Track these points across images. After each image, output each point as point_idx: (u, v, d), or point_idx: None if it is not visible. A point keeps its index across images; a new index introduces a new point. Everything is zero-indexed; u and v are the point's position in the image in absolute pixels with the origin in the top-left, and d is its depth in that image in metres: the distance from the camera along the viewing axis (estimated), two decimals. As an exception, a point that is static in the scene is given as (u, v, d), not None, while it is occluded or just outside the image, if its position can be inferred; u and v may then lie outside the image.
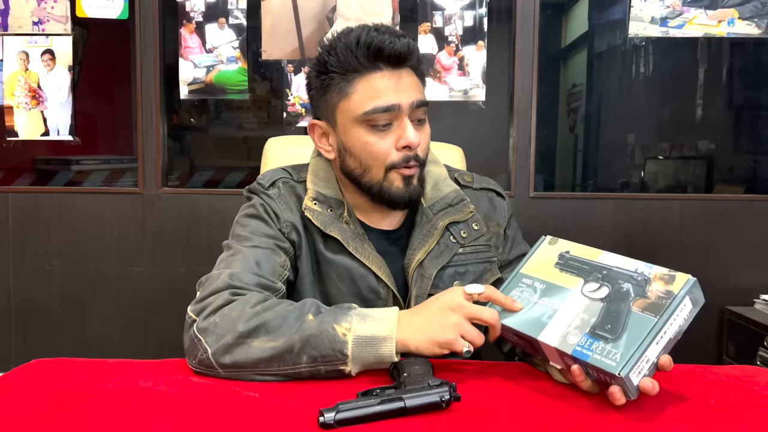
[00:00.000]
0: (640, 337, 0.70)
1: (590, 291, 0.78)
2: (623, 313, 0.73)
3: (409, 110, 0.94)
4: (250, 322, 0.80)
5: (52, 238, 2.08)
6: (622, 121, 2.21)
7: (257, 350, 0.79)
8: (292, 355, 0.79)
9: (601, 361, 0.70)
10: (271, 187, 1.01)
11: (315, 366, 0.79)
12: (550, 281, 0.82)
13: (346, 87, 0.94)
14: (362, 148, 0.95)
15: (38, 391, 0.76)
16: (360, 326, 0.80)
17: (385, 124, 0.94)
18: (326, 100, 0.97)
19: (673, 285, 0.73)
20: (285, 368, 0.79)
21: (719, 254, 2.03)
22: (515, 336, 0.81)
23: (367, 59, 0.92)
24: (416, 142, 0.94)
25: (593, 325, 0.74)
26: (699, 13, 2.00)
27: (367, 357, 0.79)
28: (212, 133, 2.24)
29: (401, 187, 0.96)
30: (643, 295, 0.74)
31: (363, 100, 0.93)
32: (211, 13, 2.04)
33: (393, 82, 0.93)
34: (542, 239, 0.88)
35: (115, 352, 2.07)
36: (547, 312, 0.79)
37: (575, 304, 0.78)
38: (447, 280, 1.00)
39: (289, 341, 0.79)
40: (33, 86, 2.08)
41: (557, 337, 0.75)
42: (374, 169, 0.96)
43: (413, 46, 0.94)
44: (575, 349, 0.73)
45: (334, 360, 0.79)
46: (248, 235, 0.96)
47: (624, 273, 0.77)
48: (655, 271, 0.76)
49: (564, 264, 0.83)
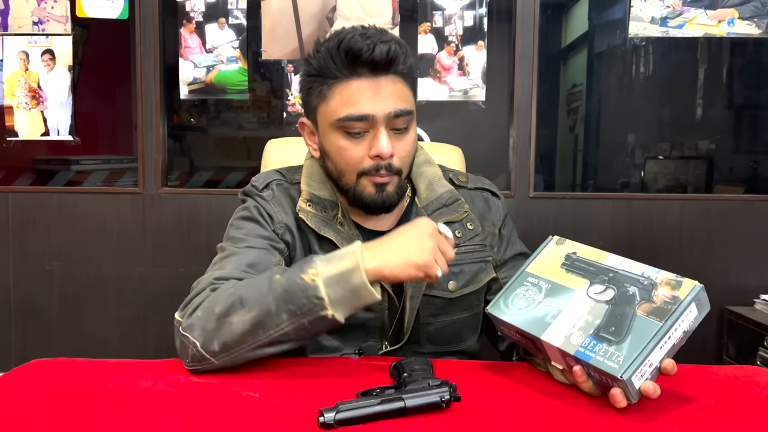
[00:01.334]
0: (644, 340, 0.70)
1: (596, 293, 0.78)
2: (628, 316, 0.73)
3: (385, 120, 0.92)
4: (226, 302, 0.82)
5: (52, 238, 2.08)
6: (622, 121, 2.21)
7: (239, 325, 0.80)
8: (272, 317, 0.79)
9: (603, 363, 0.70)
10: (265, 189, 1.02)
11: (297, 320, 0.79)
12: (555, 281, 0.82)
13: (326, 91, 0.94)
14: (337, 152, 0.95)
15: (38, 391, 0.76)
16: (326, 267, 0.80)
17: (359, 132, 0.93)
18: (310, 102, 0.98)
19: (679, 291, 0.73)
20: (270, 332, 0.79)
21: (719, 254, 2.03)
22: (518, 334, 0.81)
23: (344, 65, 0.91)
24: (387, 153, 0.92)
25: (597, 326, 0.74)
26: (699, 13, 2.00)
27: (344, 294, 0.79)
28: (212, 133, 2.24)
29: (373, 193, 0.96)
30: (649, 300, 0.74)
31: (339, 105, 0.92)
32: (211, 13, 2.04)
33: (370, 89, 0.91)
34: (549, 239, 0.88)
35: (115, 352, 2.07)
36: (552, 312, 0.78)
37: (580, 305, 0.77)
38: (442, 279, 0.99)
39: (264, 305, 0.80)
40: (33, 86, 2.08)
41: (561, 337, 0.75)
42: (347, 174, 0.96)
43: (395, 53, 0.91)
44: (578, 350, 0.73)
45: (313, 308, 0.79)
46: (243, 237, 0.96)
47: (630, 276, 0.77)
48: (662, 276, 0.75)
49: (570, 265, 0.83)
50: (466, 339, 1.05)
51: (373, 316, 0.97)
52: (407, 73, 0.95)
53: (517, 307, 0.82)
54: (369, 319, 0.97)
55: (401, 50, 0.93)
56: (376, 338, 0.99)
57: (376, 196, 0.96)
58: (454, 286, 1.01)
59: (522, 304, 0.82)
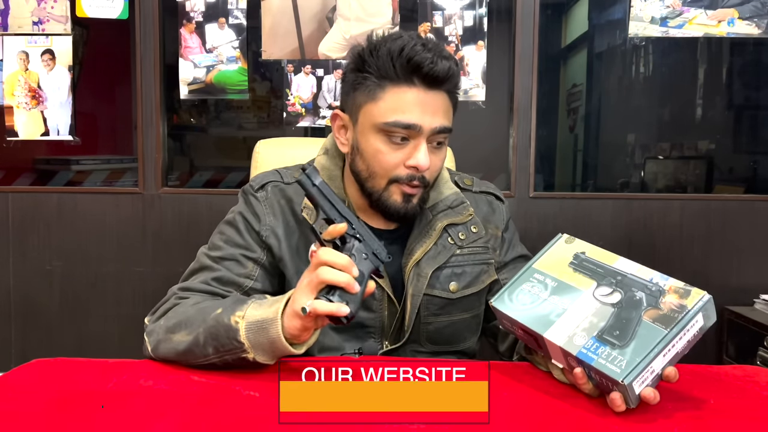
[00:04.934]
0: (648, 347, 0.70)
1: (602, 295, 0.77)
2: (633, 321, 0.73)
3: (430, 134, 0.93)
4: (174, 319, 0.87)
5: (52, 238, 2.08)
6: (622, 121, 2.21)
7: (177, 344, 0.85)
8: (200, 347, 0.83)
9: (605, 366, 0.70)
10: (260, 190, 1.03)
11: (221, 356, 0.82)
12: (562, 280, 0.81)
13: (377, 91, 0.93)
14: (373, 154, 0.95)
15: (38, 391, 0.76)
16: (253, 312, 0.81)
17: (401, 138, 0.93)
18: (355, 97, 0.96)
19: (687, 299, 0.73)
20: (199, 360, 0.84)
21: (719, 254, 2.03)
22: (520, 329, 0.81)
23: (404, 71, 0.91)
24: (425, 167, 0.93)
25: (602, 329, 0.74)
26: (699, 13, 2.00)
27: (262, 342, 0.79)
28: (212, 133, 2.24)
29: (399, 202, 0.96)
30: (656, 306, 0.73)
31: (388, 109, 0.92)
32: (211, 13, 2.04)
33: (422, 101, 0.91)
34: (559, 237, 0.87)
35: (115, 351, 2.06)
36: (556, 310, 0.78)
37: (586, 305, 0.77)
38: (443, 280, 1.01)
39: (196, 335, 0.83)
40: (33, 86, 2.08)
41: (564, 336, 0.75)
42: (378, 177, 0.95)
43: (454, 71, 0.92)
44: (581, 350, 0.73)
45: (233, 349, 0.81)
46: (220, 244, 1.01)
47: (639, 281, 0.77)
48: (670, 283, 0.75)
49: (578, 264, 0.82)
50: (466, 340, 1.06)
51: (373, 315, 0.98)
52: (455, 92, 0.97)
53: (522, 303, 0.81)
54: (369, 318, 0.98)
55: (457, 70, 0.94)
56: (377, 337, 0.99)
57: (401, 206, 0.96)
58: (456, 286, 1.01)
59: (527, 299, 0.81)
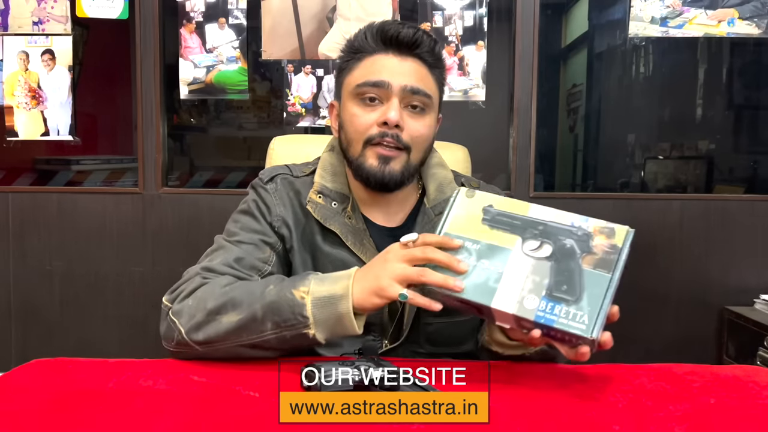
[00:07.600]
0: (600, 296, 0.69)
1: (532, 250, 0.74)
2: (575, 272, 0.71)
3: (401, 93, 0.94)
4: (218, 300, 0.84)
5: (52, 238, 2.08)
6: (622, 121, 2.21)
7: (225, 324, 0.83)
8: (257, 323, 0.82)
9: (569, 325, 0.69)
10: (269, 182, 1.04)
11: (280, 332, 0.81)
12: (483, 240, 0.76)
13: (354, 65, 0.98)
14: (349, 120, 0.98)
15: (38, 391, 0.75)
16: (318, 287, 0.81)
17: (372, 98, 0.95)
18: (340, 79, 1.02)
19: (614, 238, 0.73)
20: (253, 337, 0.82)
21: (719, 254, 2.03)
22: (457, 302, 0.76)
23: (374, 40, 0.96)
24: (394, 119, 0.93)
25: (548, 287, 0.71)
26: (699, 13, 2.00)
27: (328, 317, 0.80)
28: (212, 133, 2.24)
29: (375, 165, 0.95)
30: (590, 251, 0.72)
31: (361, 75, 0.96)
32: (211, 13, 2.04)
33: (393, 64, 0.95)
34: (457, 191, 0.80)
35: (115, 351, 2.07)
36: (493, 276, 0.73)
37: (520, 265, 0.73)
38: None
39: (252, 311, 0.82)
40: (33, 86, 2.08)
41: (513, 302, 0.71)
42: (354, 142, 0.97)
43: (420, 37, 0.95)
44: (537, 314, 0.70)
45: (296, 324, 0.80)
46: (237, 230, 0.99)
47: (562, 228, 0.74)
48: (592, 224, 0.74)
49: (492, 220, 0.77)
50: (464, 342, 1.05)
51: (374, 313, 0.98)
52: (432, 63, 0.98)
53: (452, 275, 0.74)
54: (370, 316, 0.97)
55: (428, 39, 0.97)
56: (377, 336, 0.99)
57: (377, 168, 0.95)
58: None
59: None
